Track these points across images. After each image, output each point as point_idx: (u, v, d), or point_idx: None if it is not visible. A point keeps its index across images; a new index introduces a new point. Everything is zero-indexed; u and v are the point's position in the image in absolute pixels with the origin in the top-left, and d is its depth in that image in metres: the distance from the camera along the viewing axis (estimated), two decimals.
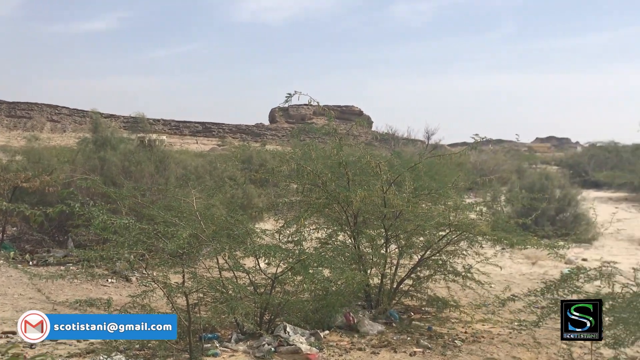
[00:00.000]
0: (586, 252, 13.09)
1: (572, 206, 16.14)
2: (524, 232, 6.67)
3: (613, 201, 23.38)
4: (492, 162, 27.42)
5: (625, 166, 27.61)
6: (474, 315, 6.93)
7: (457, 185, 7.61)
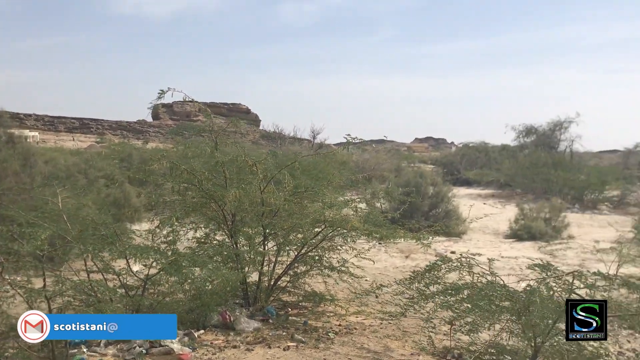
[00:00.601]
0: (455, 245, 13.98)
1: (444, 202, 17.17)
2: (393, 226, 7.02)
3: (482, 197, 25.14)
4: (373, 161, 28.42)
5: (493, 165, 29.78)
6: (348, 308, 7.19)
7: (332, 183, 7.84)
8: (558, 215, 17.17)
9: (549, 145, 30.55)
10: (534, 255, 13.01)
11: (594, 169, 25.59)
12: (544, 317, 4.77)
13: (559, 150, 30.48)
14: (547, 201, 19.37)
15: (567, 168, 24.80)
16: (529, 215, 16.81)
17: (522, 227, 15.88)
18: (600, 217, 20.07)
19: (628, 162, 30.92)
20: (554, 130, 30.89)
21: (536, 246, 14.13)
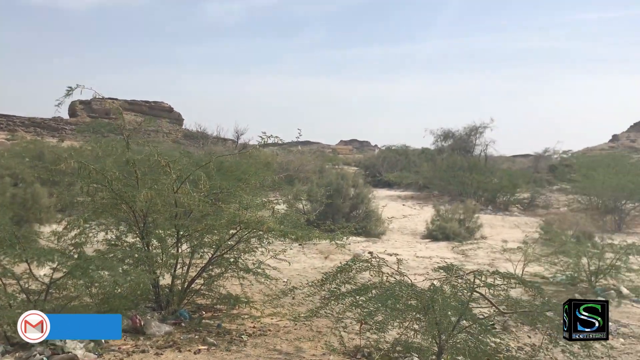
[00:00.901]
0: (373, 245, 14.26)
1: (365, 204, 17.49)
2: (309, 227, 7.08)
3: (402, 199, 25.80)
4: (297, 162, 28.52)
5: (412, 168, 30.63)
6: (263, 310, 7.20)
7: (252, 184, 7.81)
8: (472, 216, 17.91)
9: (465, 149, 31.82)
10: (447, 255, 13.53)
11: (506, 172, 26.88)
12: (447, 315, 4.97)
13: (474, 154, 31.81)
14: (462, 203, 20.15)
15: (481, 171, 25.90)
16: (445, 216, 17.43)
17: (438, 228, 16.44)
18: (511, 219, 21.08)
19: (538, 166, 32.69)
20: (470, 135, 32.24)
21: (450, 246, 14.65)
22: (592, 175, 21.56)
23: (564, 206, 23.85)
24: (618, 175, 20.81)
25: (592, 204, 22.31)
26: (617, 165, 22.88)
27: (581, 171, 23.21)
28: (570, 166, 26.74)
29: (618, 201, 20.51)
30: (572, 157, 30.79)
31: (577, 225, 16.11)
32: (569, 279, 10.99)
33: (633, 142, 40.29)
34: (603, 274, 10.62)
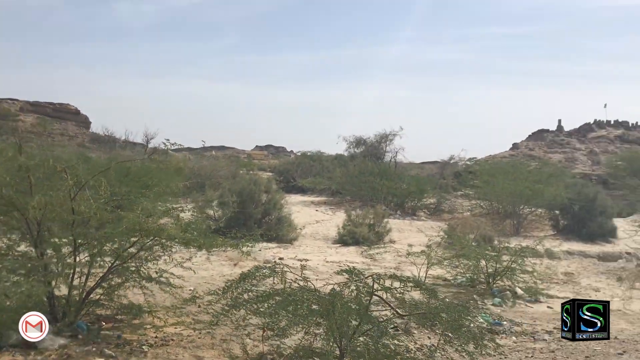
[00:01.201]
0: (285, 251, 14.31)
1: (277, 209, 17.50)
2: (213, 235, 7.01)
3: (315, 205, 26.02)
4: (210, 168, 28.09)
5: (326, 173, 30.99)
6: (167, 320, 7.03)
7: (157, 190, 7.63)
8: (381, 221, 18.39)
9: (376, 155, 32.66)
10: (356, 259, 13.80)
11: (415, 178, 27.78)
12: (347, 319, 5.08)
13: (384, 160, 32.72)
14: (372, 208, 20.63)
15: (391, 177, 26.59)
16: (355, 221, 17.78)
17: (348, 233, 16.74)
18: (418, 223, 21.81)
19: (444, 172, 34.03)
20: (381, 142, 33.16)
21: (359, 251, 14.96)
22: (493, 182, 22.76)
23: (467, 211, 24.97)
24: (516, 182, 22.05)
25: (492, 208, 23.54)
26: (516, 172, 24.21)
27: (482, 178, 24.42)
28: (473, 173, 28.03)
29: (516, 206, 21.74)
30: (475, 164, 32.33)
31: (478, 229, 16.93)
32: (469, 280, 11.54)
33: (531, 151, 42.95)
34: (500, 275, 11.24)
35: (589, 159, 41.14)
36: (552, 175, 25.13)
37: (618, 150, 41.45)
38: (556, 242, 18.37)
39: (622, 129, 47.08)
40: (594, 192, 21.75)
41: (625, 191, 28.48)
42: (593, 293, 11.93)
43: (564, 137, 45.84)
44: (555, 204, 21.07)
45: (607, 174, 36.41)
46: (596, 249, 18.35)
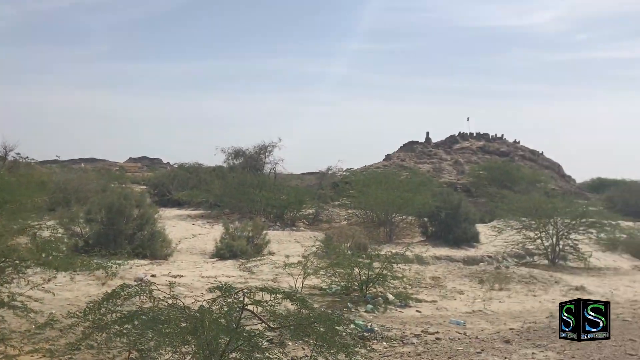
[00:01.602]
0: (158, 268, 13.79)
1: (150, 224, 16.85)
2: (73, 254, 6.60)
3: (192, 218, 25.44)
4: (78, 181, 26.49)
5: (204, 186, 30.42)
6: (22, 347, 6.48)
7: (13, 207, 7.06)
8: (260, 233, 18.34)
9: (255, 167, 32.66)
10: (233, 273, 13.64)
11: (294, 189, 28.10)
12: (217, 335, 4.98)
13: (264, 172, 32.81)
14: (251, 220, 20.55)
15: (270, 189, 26.74)
16: (233, 234, 17.58)
17: (225, 246, 16.51)
18: (297, 234, 22.03)
19: (323, 183, 34.78)
20: (260, 153, 33.22)
21: (237, 264, 14.81)
22: (367, 192, 23.63)
23: (344, 220, 25.68)
24: (389, 191, 23.06)
25: (367, 217, 24.40)
26: (388, 182, 25.34)
27: (358, 188, 25.29)
28: (349, 183, 28.93)
29: (389, 214, 22.71)
30: (351, 175, 33.39)
31: (354, 237, 17.46)
32: (344, 289, 11.82)
33: (403, 161, 45.14)
34: (372, 282, 11.63)
35: (454, 169, 44.03)
36: (421, 184, 26.61)
37: (480, 161, 44.72)
38: (425, 248, 19.39)
39: (483, 140, 50.97)
40: (458, 199, 23.25)
41: (486, 198, 30.76)
42: (458, 295, 12.71)
43: (432, 148, 48.75)
44: (424, 211, 22.27)
45: (470, 182, 39.16)
46: (461, 253, 19.61)
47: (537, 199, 21.85)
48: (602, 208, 23.12)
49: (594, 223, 20.18)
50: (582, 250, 19.43)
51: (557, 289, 13.82)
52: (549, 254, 19.50)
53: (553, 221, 19.66)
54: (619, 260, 21.15)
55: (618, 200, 35.08)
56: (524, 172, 38.88)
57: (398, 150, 49.63)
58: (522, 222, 20.54)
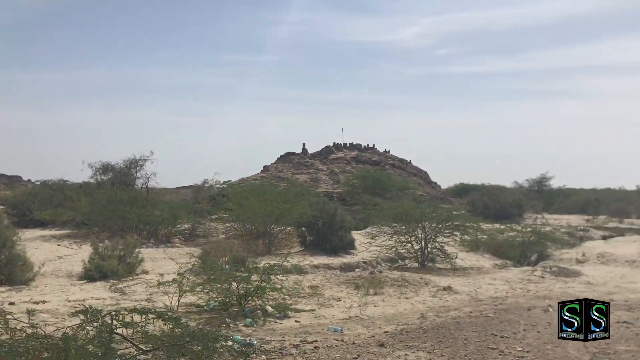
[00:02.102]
0: (17, 294, 12.75)
1: (8, 248, 15.53)
2: None
3: (57, 239, 23.78)
4: None
5: (69, 203, 28.64)
6: None
7: None
8: (132, 251, 17.57)
9: (125, 182, 31.24)
10: (104, 295, 12.95)
11: (167, 204, 27.26)
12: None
13: (136, 187, 31.46)
14: (122, 238, 19.62)
15: (142, 204, 25.71)
16: (103, 254, 16.69)
17: (95, 267, 15.62)
18: (172, 250, 21.38)
19: (199, 196, 34.06)
20: (130, 167, 31.84)
21: (107, 285, 14.09)
22: (245, 204, 23.52)
23: (222, 234, 25.35)
24: (266, 202, 23.11)
25: (246, 230, 24.28)
26: (266, 194, 25.38)
27: (235, 200, 25.10)
28: (226, 196, 28.62)
29: (267, 226, 22.77)
30: (228, 187, 33.05)
31: (232, 251, 17.28)
32: (222, 304, 11.66)
33: (280, 172, 45.50)
34: (251, 295, 11.59)
35: (330, 179, 45.14)
36: (299, 194, 26.98)
37: (354, 170, 46.26)
38: (303, 257, 19.68)
39: (356, 150, 52.81)
40: (334, 208, 23.87)
41: (361, 206, 31.87)
42: (335, 302, 13.02)
43: (309, 159, 49.66)
44: (302, 221, 22.58)
45: (345, 191, 40.36)
46: (338, 261, 20.12)
47: (406, 205, 23.02)
48: (465, 212, 24.77)
49: (458, 226, 21.60)
50: (448, 251, 20.72)
51: (426, 290, 14.62)
52: (418, 257, 20.59)
53: (421, 225, 20.80)
54: (482, 260, 22.83)
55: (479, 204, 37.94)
56: (395, 180, 40.80)
57: (275, 162, 49.99)
58: (393, 228, 21.54)
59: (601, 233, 32.32)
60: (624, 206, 45.10)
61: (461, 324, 10.49)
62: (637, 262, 20.97)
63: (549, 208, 47.03)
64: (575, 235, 30.42)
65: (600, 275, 17.78)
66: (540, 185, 56.23)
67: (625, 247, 25.12)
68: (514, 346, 8.86)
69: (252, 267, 12.44)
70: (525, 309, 12.07)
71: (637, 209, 44.53)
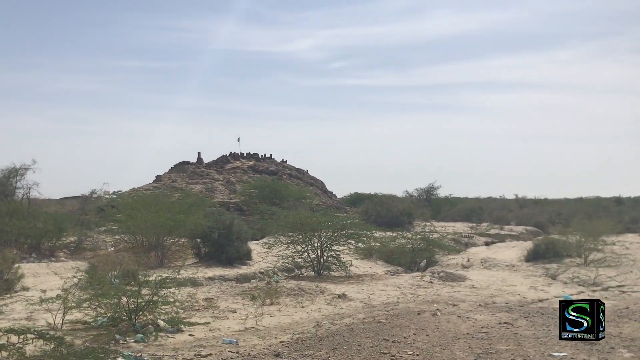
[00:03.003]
0: None
1: None
2: None
3: None
4: None
5: None
6: None
7: None
8: (11, 267, 16.39)
9: (4, 193, 29.04)
10: None
11: (51, 216, 25.63)
12: None
13: (15, 198, 29.34)
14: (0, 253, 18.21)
15: (23, 216, 24.07)
16: None
17: None
18: (57, 265, 20.18)
19: (86, 207, 32.39)
20: (10, 177, 29.66)
21: None
22: (136, 215, 22.67)
23: (111, 247, 24.28)
24: (159, 214, 22.41)
25: (137, 242, 23.39)
26: (159, 204, 24.61)
27: (126, 211, 24.13)
28: (116, 207, 27.47)
29: (160, 238, 22.08)
30: (118, 198, 31.70)
31: (121, 264, 16.59)
32: (111, 320, 11.16)
33: (174, 182, 44.29)
34: (142, 310, 11.19)
35: (227, 189, 44.62)
36: (194, 205, 26.41)
37: (251, 180, 46.03)
38: (198, 269, 19.30)
39: (253, 160, 52.67)
40: (231, 218, 23.63)
41: (258, 216, 31.77)
42: (231, 314, 12.88)
43: (204, 168, 48.78)
44: (197, 232, 22.13)
45: (242, 201, 40.10)
46: (234, 272, 19.93)
47: (303, 215, 23.22)
48: (359, 220, 25.40)
49: (352, 234, 22.11)
50: (343, 259, 21.16)
51: (322, 298, 14.85)
52: (315, 266, 20.85)
53: (318, 234, 21.09)
54: (375, 267, 23.53)
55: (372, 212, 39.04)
56: (292, 190, 41.07)
57: (169, 171, 48.64)
58: (290, 237, 21.66)
59: (484, 239, 34.32)
60: (504, 214, 48.26)
61: (355, 331, 10.75)
62: (516, 267, 22.54)
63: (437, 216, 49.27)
64: (460, 242, 32.14)
65: (483, 279, 18.90)
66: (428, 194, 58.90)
67: (506, 253, 26.92)
68: (405, 350, 9.22)
69: (143, 281, 12.02)
70: (415, 313, 12.59)
71: (515, 216, 47.82)
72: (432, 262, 24.24)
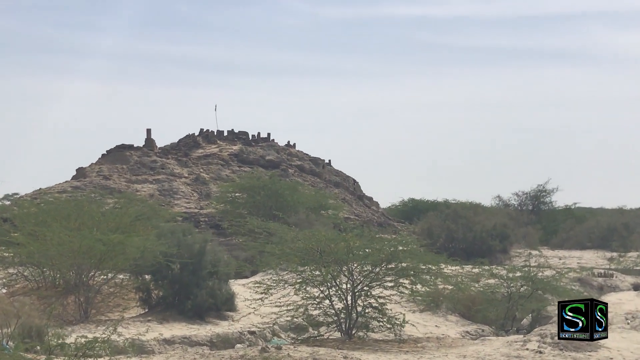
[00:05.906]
0: None
1: None
2: None
3: None
4: None
5: None
6: None
7: None
8: None
9: None
10: None
11: None
12: None
13: None
14: None
15: None
16: None
17: None
18: None
19: None
20: None
21: None
22: (44, 234, 22.59)
23: (3, 287, 24.39)
24: (82, 232, 22.32)
25: (45, 279, 23.42)
26: (82, 216, 24.59)
27: (27, 229, 24.12)
28: (9, 220, 27.63)
29: (84, 272, 22.02)
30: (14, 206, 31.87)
31: (19, 317, 16.66)
32: None
33: (107, 180, 44.43)
34: None
35: (195, 191, 44.85)
36: (140, 218, 26.47)
37: (236, 176, 46.09)
38: (146, 327, 19.26)
39: (240, 142, 52.52)
40: (202, 241, 23.56)
41: (246, 237, 31.76)
42: None
43: (158, 156, 48.81)
44: (144, 264, 22.07)
45: (221, 212, 40.13)
46: (207, 330, 19.92)
47: (322, 236, 23.02)
48: (418, 246, 25.16)
49: (406, 270, 21.84)
50: (390, 312, 20.93)
51: None
52: (342, 323, 20.66)
53: (348, 269, 20.87)
54: (443, 325, 23.34)
55: (440, 233, 38.92)
56: (303, 194, 40.91)
57: (99, 162, 48.85)
58: (301, 274, 21.46)
59: (632, 280, 33.83)
60: None
61: None
62: None
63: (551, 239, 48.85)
64: (591, 284, 31.75)
65: (629, 347, 18.65)
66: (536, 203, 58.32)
67: None
68: None
69: (55, 345, 12.04)
70: None
71: None
72: (541, 317, 23.95)
